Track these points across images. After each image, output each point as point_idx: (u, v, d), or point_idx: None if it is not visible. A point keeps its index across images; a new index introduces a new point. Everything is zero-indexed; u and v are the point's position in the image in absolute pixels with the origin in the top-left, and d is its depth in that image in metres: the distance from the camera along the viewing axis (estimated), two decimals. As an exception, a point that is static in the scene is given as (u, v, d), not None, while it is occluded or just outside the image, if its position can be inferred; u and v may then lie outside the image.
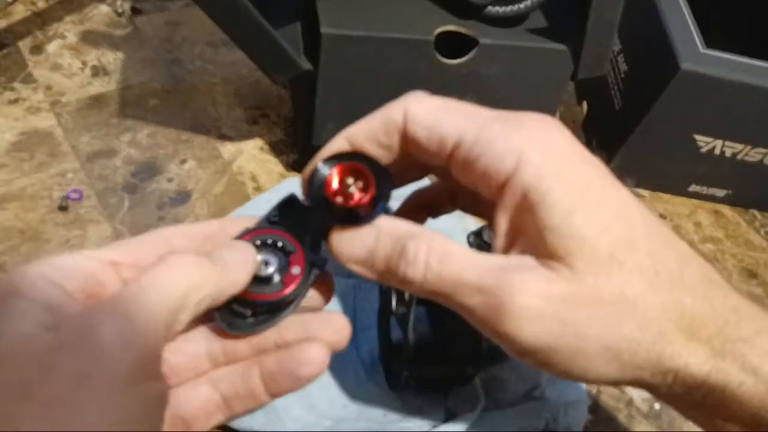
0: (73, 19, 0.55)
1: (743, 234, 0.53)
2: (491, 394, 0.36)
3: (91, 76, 0.51)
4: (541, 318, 0.20)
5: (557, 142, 0.22)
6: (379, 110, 0.24)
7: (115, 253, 0.21)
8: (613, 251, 0.21)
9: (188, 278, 0.20)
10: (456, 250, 0.22)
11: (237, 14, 0.36)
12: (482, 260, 0.21)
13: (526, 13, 0.42)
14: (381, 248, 0.22)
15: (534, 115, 0.23)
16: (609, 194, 0.22)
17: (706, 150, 0.49)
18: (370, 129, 0.24)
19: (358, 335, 0.38)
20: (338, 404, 0.35)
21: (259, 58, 0.39)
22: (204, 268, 0.20)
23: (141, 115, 0.49)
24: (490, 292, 0.21)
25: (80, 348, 0.17)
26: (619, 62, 0.53)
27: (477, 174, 0.22)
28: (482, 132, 0.22)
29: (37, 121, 0.47)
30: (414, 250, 0.22)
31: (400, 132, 0.23)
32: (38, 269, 0.19)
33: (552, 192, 0.21)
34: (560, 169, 0.21)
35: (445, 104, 0.23)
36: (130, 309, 0.18)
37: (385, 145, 0.24)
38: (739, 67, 0.45)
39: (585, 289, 0.20)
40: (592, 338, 0.20)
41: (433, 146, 0.23)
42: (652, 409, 0.40)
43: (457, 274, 0.21)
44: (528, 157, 0.21)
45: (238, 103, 0.52)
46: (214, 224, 0.24)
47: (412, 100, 0.23)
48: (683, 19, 0.48)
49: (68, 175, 0.44)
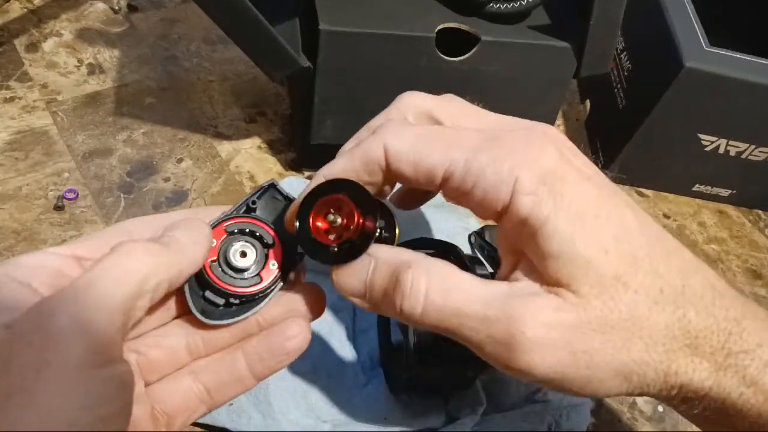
0: (69, 17, 0.54)
1: (748, 234, 0.52)
2: (493, 397, 0.36)
3: (87, 74, 0.50)
4: (553, 349, 0.20)
5: (551, 161, 0.21)
6: (358, 147, 0.22)
7: (79, 249, 0.21)
8: (617, 273, 0.20)
9: (140, 263, 0.20)
10: (458, 280, 0.21)
11: (234, 11, 0.35)
12: (486, 290, 0.21)
13: (529, 10, 0.42)
14: (377, 279, 0.22)
15: (523, 132, 0.22)
16: (607, 212, 0.21)
17: (711, 149, 0.49)
18: (351, 169, 0.22)
19: (358, 337, 0.37)
20: (337, 407, 0.35)
21: (256, 55, 0.38)
22: (154, 251, 0.20)
23: (137, 114, 0.48)
24: (497, 324, 0.20)
25: (36, 338, 0.17)
26: (623, 60, 0.52)
27: (473, 203, 0.21)
28: (472, 162, 0.21)
29: (33, 119, 0.46)
30: (410, 281, 0.21)
31: (383, 169, 0.22)
32: (3, 269, 0.19)
33: (550, 219, 0.20)
34: (556, 193, 0.20)
35: (426, 133, 0.22)
36: (83, 297, 0.18)
37: (370, 183, 0.23)
38: (744, 65, 0.45)
39: (593, 314, 0.20)
40: (602, 365, 0.20)
41: (422, 179, 0.22)
42: (656, 412, 0.39)
43: (461, 306, 0.20)
44: (522, 186, 0.20)
45: (235, 101, 0.51)
46: (177, 215, 0.24)
47: (390, 133, 0.22)
48: (687, 16, 0.47)
49: (64, 175, 0.43)
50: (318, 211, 0.22)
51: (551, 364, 0.20)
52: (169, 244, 0.21)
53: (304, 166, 0.47)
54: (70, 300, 0.18)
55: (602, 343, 0.20)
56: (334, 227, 0.22)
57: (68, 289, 0.18)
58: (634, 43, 0.52)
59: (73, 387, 0.17)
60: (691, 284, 0.21)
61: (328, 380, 0.35)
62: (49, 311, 0.18)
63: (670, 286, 0.21)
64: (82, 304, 0.18)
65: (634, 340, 0.20)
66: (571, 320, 0.20)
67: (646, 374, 0.21)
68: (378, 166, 0.22)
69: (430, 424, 0.34)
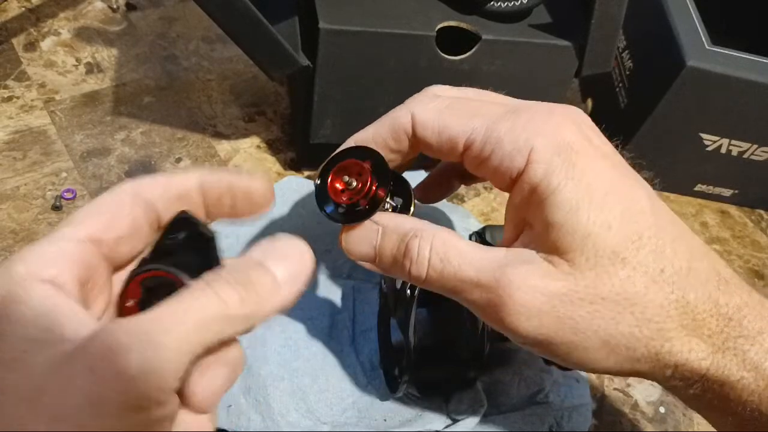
0: (67, 16, 0.54)
1: (750, 234, 0.52)
2: (494, 398, 0.36)
3: (85, 74, 0.50)
4: (539, 314, 0.21)
5: (569, 135, 0.21)
6: (387, 116, 0.24)
7: (92, 228, 0.20)
8: (617, 248, 0.21)
9: (221, 313, 0.18)
10: (457, 247, 0.22)
11: (233, 9, 0.35)
12: (482, 256, 0.22)
13: (530, 8, 0.41)
14: (386, 246, 0.23)
15: (547, 106, 0.23)
16: (619, 189, 0.21)
17: (712, 148, 0.48)
18: (379, 135, 0.24)
19: (358, 338, 0.37)
20: (337, 409, 0.35)
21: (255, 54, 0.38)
22: (239, 303, 0.18)
23: (135, 113, 0.48)
24: (488, 288, 0.21)
25: (102, 369, 0.16)
26: (624, 59, 0.52)
27: (489, 170, 0.22)
28: (491, 131, 0.22)
29: (31, 119, 0.46)
30: (417, 248, 0.22)
31: (409, 137, 0.23)
32: (24, 269, 0.18)
33: (559, 189, 0.21)
34: (570, 165, 0.21)
35: (452, 104, 0.23)
36: (158, 340, 0.16)
37: (396, 150, 0.24)
38: (746, 65, 0.45)
39: (583, 285, 0.21)
40: (589, 333, 0.21)
41: (445, 148, 0.23)
42: (657, 413, 0.39)
43: (457, 271, 0.22)
44: (537, 154, 0.21)
45: (234, 100, 0.51)
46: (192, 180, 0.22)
47: (417, 103, 0.23)
48: (689, 15, 0.47)
49: (62, 175, 0.43)
50: (339, 172, 0.24)
51: (536, 327, 0.21)
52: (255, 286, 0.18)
53: (304, 166, 0.47)
54: (146, 340, 0.16)
55: (590, 312, 0.21)
56: (349, 189, 0.24)
57: (144, 326, 0.17)
58: (635, 42, 0.51)
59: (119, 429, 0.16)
60: (695, 268, 0.21)
61: (328, 382, 0.35)
62: (123, 346, 0.16)
63: (673, 268, 0.21)
64: (156, 348, 0.16)
65: (624, 315, 0.21)
66: (559, 287, 0.21)
67: (636, 349, 0.21)
68: (404, 134, 0.23)
69: (431, 426, 0.34)
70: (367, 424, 0.34)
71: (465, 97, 0.24)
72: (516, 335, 0.21)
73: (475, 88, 0.25)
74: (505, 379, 0.36)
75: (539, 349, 0.22)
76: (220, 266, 0.19)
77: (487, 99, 0.24)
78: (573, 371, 0.37)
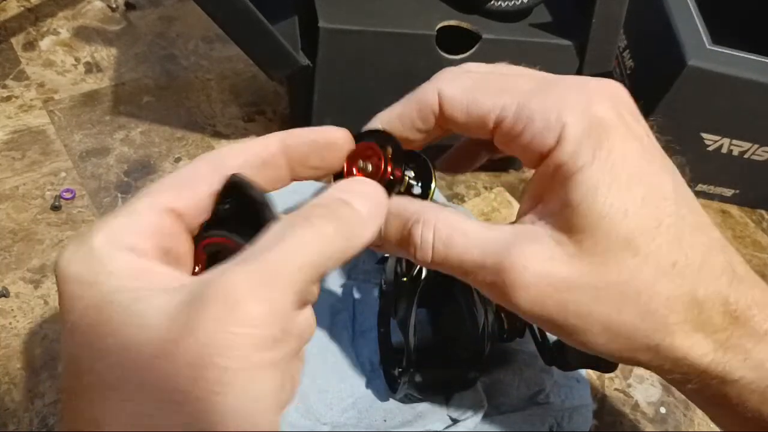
0: (66, 15, 0.54)
1: (751, 234, 0.52)
2: (494, 399, 0.35)
3: (84, 73, 0.50)
4: (541, 296, 0.21)
5: (602, 111, 0.21)
6: (413, 94, 0.23)
7: (172, 199, 0.19)
8: (630, 236, 0.20)
9: (322, 248, 0.18)
10: (461, 229, 0.22)
11: (233, 9, 0.35)
12: (487, 237, 0.22)
13: (530, 7, 0.41)
14: (390, 231, 0.23)
15: (581, 79, 0.22)
16: (644, 172, 0.21)
17: (713, 148, 0.48)
18: (405, 115, 0.23)
19: (358, 339, 0.37)
20: (337, 409, 0.34)
21: (255, 53, 0.38)
22: (337, 237, 0.18)
23: (134, 113, 0.48)
24: (493, 270, 0.21)
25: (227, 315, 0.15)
26: (625, 58, 0.52)
27: (520, 147, 0.22)
28: (522, 107, 0.21)
29: (30, 119, 0.46)
30: (420, 234, 0.22)
31: (436, 116, 0.23)
32: (103, 239, 0.18)
33: (583, 169, 0.20)
34: (598, 145, 0.20)
35: (481, 79, 0.22)
36: (271, 281, 0.16)
37: (423, 130, 0.23)
38: (747, 64, 0.44)
39: (588, 269, 0.20)
40: (590, 318, 0.21)
41: (474, 125, 0.22)
42: (658, 413, 0.39)
43: (462, 254, 0.22)
44: (567, 132, 0.20)
45: (233, 99, 0.51)
46: (273, 144, 0.22)
47: (444, 80, 0.23)
48: (690, 14, 0.47)
49: (61, 174, 0.43)
50: (353, 157, 0.23)
51: (539, 308, 0.21)
52: (347, 219, 0.19)
53: (304, 166, 0.47)
54: (259, 282, 0.16)
55: (592, 298, 0.20)
56: (363, 172, 0.23)
57: (253, 267, 0.16)
58: (636, 42, 0.51)
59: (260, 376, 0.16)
60: (710, 262, 0.21)
61: (328, 382, 0.35)
62: (239, 296, 0.16)
63: (687, 260, 0.21)
64: (272, 290, 0.16)
65: (628, 304, 0.20)
66: (563, 271, 0.20)
67: (635, 339, 0.21)
68: (432, 112, 0.22)
69: (431, 426, 0.34)
70: (367, 425, 0.34)
71: (494, 72, 0.23)
72: (520, 312, 0.21)
73: (507, 63, 0.24)
74: (505, 379, 0.36)
75: (545, 327, 0.22)
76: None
77: (518, 73, 0.23)
78: (574, 372, 0.37)
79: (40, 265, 0.38)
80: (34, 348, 0.34)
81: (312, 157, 0.22)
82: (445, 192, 0.48)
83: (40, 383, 0.33)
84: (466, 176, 0.49)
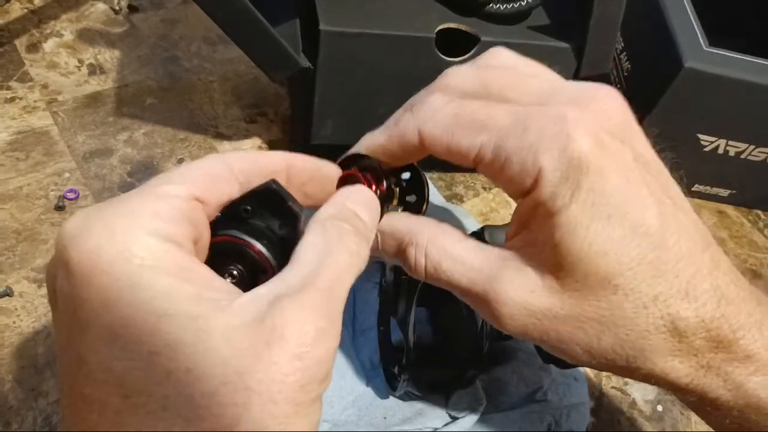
0: (69, 17, 0.54)
1: (747, 234, 0.52)
2: (493, 397, 0.36)
3: (87, 75, 0.50)
4: (523, 324, 0.22)
5: (580, 149, 0.20)
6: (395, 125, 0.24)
7: (195, 188, 0.19)
8: (610, 275, 0.20)
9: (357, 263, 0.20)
10: (450, 254, 0.23)
11: (234, 11, 0.35)
12: (475, 263, 0.23)
13: (528, 10, 0.42)
14: (386, 249, 0.25)
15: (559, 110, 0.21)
16: (626, 210, 0.20)
17: (710, 149, 0.49)
18: (388, 148, 0.24)
19: (358, 337, 0.37)
20: (337, 407, 0.35)
21: (256, 55, 0.38)
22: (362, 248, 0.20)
23: (138, 114, 0.48)
24: (479, 296, 0.23)
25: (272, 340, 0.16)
26: (622, 60, 0.52)
27: (501, 183, 0.22)
28: (499, 149, 0.21)
29: (34, 120, 0.46)
30: (413, 256, 0.24)
31: (418, 150, 0.24)
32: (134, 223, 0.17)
33: (562, 211, 0.20)
34: (576, 186, 0.20)
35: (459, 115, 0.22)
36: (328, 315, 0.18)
37: (407, 159, 0.25)
38: (743, 66, 0.45)
39: (569, 305, 0.21)
40: (572, 343, 0.22)
41: (455, 160, 0.23)
42: (655, 411, 0.39)
43: (450, 279, 0.23)
44: (544, 177, 0.20)
45: (235, 101, 0.51)
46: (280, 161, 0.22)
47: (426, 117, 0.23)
48: (686, 16, 0.48)
49: (65, 175, 0.43)
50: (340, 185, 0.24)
51: (523, 332, 0.22)
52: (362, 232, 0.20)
53: (305, 167, 0.47)
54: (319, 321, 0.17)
55: (572, 327, 0.22)
56: None
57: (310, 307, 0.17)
58: (633, 44, 0.52)
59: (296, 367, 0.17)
60: (695, 289, 0.21)
61: (329, 380, 0.35)
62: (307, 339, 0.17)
63: (670, 291, 0.21)
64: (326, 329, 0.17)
65: (606, 334, 0.21)
66: (544, 304, 0.22)
67: (615, 361, 0.22)
68: (413, 147, 0.24)
69: (430, 424, 0.35)
70: (368, 422, 0.34)
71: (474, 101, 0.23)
72: (508, 332, 0.23)
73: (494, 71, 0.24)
74: (504, 377, 0.37)
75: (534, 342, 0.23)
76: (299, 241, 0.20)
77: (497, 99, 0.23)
78: (571, 370, 0.38)
79: (43, 265, 0.38)
80: (37, 347, 0.35)
81: (309, 186, 0.23)
82: (444, 192, 0.48)
83: (43, 381, 0.34)
84: (465, 177, 0.50)
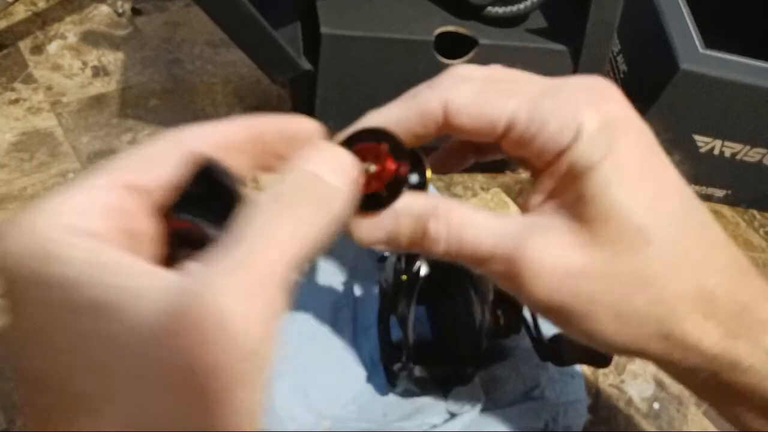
0: (73, 20, 0.55)
1: (742, 234, 0.53)
2: (491, 394, 0.36)
3: (91, 77, 0.51)
4: (554, 285, 0.21)
5: (615, 107, 0.21)
6: (413, 98, 0.22)
7: (136, 176, 0.18)
8: (642, 227, 0.20)
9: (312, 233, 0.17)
10: (473, 221, 0.22)
11: (236, 14, 0.36)
12: (499, 228, 0.22)
13: (526, 13, 0.42)
14: (402, 229, 0.22)
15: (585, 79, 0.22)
16: (655, 168, 0.21)
17: (706, 150, 0.49)
18: (403, 119, 0.22)
19: (359, 335, 0.38)
20: (338, 404, 0.35)
21: (258, 58, 0.39)
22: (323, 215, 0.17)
23: (141, 116, 0.49)
24: (505, 261, 0.21)
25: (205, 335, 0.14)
26: (619, 62, 0.53)
27: (532, 150, 0.22)
28: (535, 110, 0.21)
29: (38, 121, 0.47)
30: (435, 230, 0.22)
31: (438, 124, 0.22)
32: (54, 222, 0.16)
33: (598, 166, 0.20)
34: (611, 141, 0.21)
35: (488, 84, 0.22)
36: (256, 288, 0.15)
37: (420, 136, 0.23)
38: (739, 68, 0.45)
39: (601, 259, 0.21)
40: (602, 306, 0.21)
41: (483, 132, 0.22)
42: (652, 409, 0.40)
43: (475, 247, 0.21)
44: (584, 130, 0.21)
45: (237, 102, 0.52)
46: (241, 128, 0.20)
47: (450, 87, 0.22)
48: (682, 19, 0.48)
49: (69, 176, 0.44)
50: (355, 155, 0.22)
51: (552, 297, 0.21)
52: (322, 197, 0.18)
53: (306, 167, 0.48)
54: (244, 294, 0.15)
55: (605, 286, 0.21)
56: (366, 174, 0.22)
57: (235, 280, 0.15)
58: (629, 46, 0.52)
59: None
60: (716, 256, 0.22)
61: (329, 377, 0.36)
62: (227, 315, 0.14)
63: (696, 253, 0.21)
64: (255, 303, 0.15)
65: (639, 292, 0.21)
66: (576, 261, 0.21)
67: (647, 326, 0.21)
68: (434, 121, 0.22)
69: (430, 420, 0.35)
70: (368, 419, 0.35)
71: (496, 77, 0.23)
72: (532, 302, 0.22)
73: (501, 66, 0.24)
74: (502, 374, 0.37)
75: (554, 318, 0.22)
76: None
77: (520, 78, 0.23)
78: (569, 367, 0.38)
79: (49, 264, 0.39)
80: (44, 344, 0.35)
81: (279, 146, 0.21)
82: (442, 193, 0.49)
83: (50, 378, 0.34)
84: (464, 177, 0.50)
